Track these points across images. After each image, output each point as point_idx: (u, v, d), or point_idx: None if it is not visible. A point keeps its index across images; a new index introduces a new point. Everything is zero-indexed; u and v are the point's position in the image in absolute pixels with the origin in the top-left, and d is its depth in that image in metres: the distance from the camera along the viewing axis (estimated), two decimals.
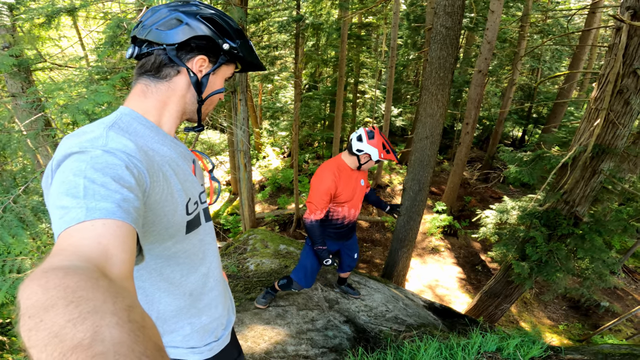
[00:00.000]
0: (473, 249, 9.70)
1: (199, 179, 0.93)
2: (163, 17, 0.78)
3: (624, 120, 4.09)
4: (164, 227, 0.76)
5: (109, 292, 0.36)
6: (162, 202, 0.73)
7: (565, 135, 6.89)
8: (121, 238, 0.50)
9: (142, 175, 0.65)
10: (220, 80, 0.89)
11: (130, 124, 0.75)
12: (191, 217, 0.83)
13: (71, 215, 0.50)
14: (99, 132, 0.66)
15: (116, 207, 0.52)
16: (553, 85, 16.71)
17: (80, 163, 0.56)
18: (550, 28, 12.89)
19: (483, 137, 16.78)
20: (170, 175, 0.76)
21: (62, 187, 0.54)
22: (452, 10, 4.44)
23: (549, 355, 1.79)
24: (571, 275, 4.61)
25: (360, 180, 2.41)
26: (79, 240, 0.47)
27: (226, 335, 1.06)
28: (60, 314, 0.31)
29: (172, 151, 0.81)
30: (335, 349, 2.26)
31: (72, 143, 0.62)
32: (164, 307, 0.87)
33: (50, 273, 0.37)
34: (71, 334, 0.29)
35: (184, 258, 0.86)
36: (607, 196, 4.70)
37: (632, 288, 8.44)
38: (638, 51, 3.78)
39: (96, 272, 0.40)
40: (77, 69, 5.01)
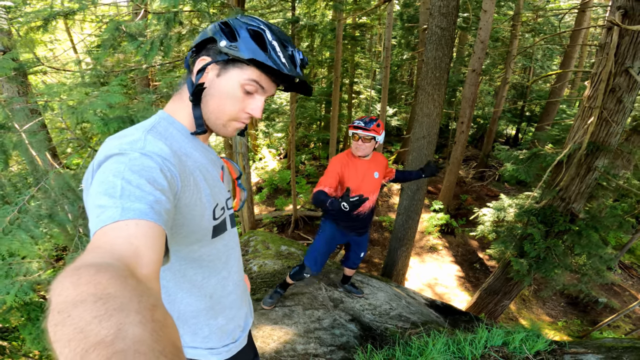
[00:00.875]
0: (471, 247, 9.79)
1: (226, 185, 0.95)
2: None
3: (617, 118, 4.17)
4: (192, 230, 0.78)
5: (136, 291, 0.37)
6: (192, 206, 0.75)
7: (558, 133, 6.99)
8: (152, 239, 0.51)
9: (175, 178, 0.67)
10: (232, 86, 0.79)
11: (167, 129, 0.77)
12: (218, 222, 0.85)
13: (107, 214, 0.52)
14: (139, 135, 0.69)
15: (149, 208, 0.54)
16: (545, 84, 16.91)
17: (120, 165, 0.59)
18: (541, 27, 13.06)
19: (478, 135, 16.94)
20: (200, 180, 0.78)
21: (101, 186, 0.56)
22: (447, 11, 4.50)
23: (554, 349, 1.84)
24: (569, 271, 4.68)
25: (373, 172, 2.45)
26: (113, 239, 0.49)
27: (244, 337, 1.07)
28: (88, 310, 0.32)
29: (203, 157, 0.83)
30: (343, 346, 2.29)
31: (113, 145, 0.65)
32: (184, 307, 0.89)
33: (83, 269, 0.38)
34: (96, 330, 0.30)
35: (208, 262, 0.88)
36: (602, 193, 4.78)
37: (629, 284, 8.55)
38: (629, 50, 3.85)
39: (126, 270, 0.42)
40: (76, 72, 4.98)
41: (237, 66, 0.78)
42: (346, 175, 2.37)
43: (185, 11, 5.77)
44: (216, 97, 0.79)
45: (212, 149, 0.91)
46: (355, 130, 2.31)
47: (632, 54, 3.83)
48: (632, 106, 4.14)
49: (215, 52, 0.79)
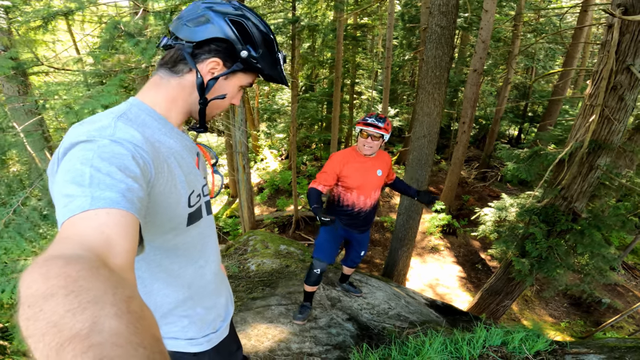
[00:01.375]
0: (472, 247, 9.73)
1: (202, 171, 0.93)
2: (197, 12, 0.79)
3: (619, 115, 4.13)
4: (167, 218, 0.76)
5: (110, 282, 0.36)
6: (166, 194, 0.73)
7: (561, 133, 6.94)
8: (124, 228, 0.50)
9: (148, 165, 0.65)
10: (232, 86, 0.86)
11: (139, 115, 0.75)
12: (193, 209, 0.84)
13: (76, 203, 0.50)
14: (108, 121, 0.66)
15: (120, 196, 0.52)
16: (547, 84, 16.84)
17: (88, 152, 0.57)
18: (543, 27, 13.00)
19: (480, 136, 16.87)
20: (175, 167, 0.77)
21: (68, 175, 0.54)
22: (446, 10, 4.48)
23: (555, 349, 1.80)
24: (571, 271, 4.63)
25: (376, 169, 2.41)
26: (83, 229, 0.47)
27: (224, 327, 1.06)
28: (60, 304, 0.31)
29: (178, 143, 0.82)
30: (339, 346, 2.26)
31: (80, 131, 0.63)
32: (161, 298, 0.87)
33: (52, 262, 0.37)
34: (70, 324, 0.29)
35: (183, 250, 0.87)
36: (604, 192, 4.73)
37: (632, 284, 8.46)
38: (630, 47, 3.82)
39: (97, 261, 0.40)
40: (74, 72, 4.99)
41: (244, 72, 0.85)
42: (347, 173, 2.34)
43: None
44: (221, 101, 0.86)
45: (187, 135, 0.89)
46: (366, 128, 2.25)
47: (633, 51, 3.80)
48: (634, 104, 4.10)
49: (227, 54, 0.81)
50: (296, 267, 3.59)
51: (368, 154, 2.35)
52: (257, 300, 2.81)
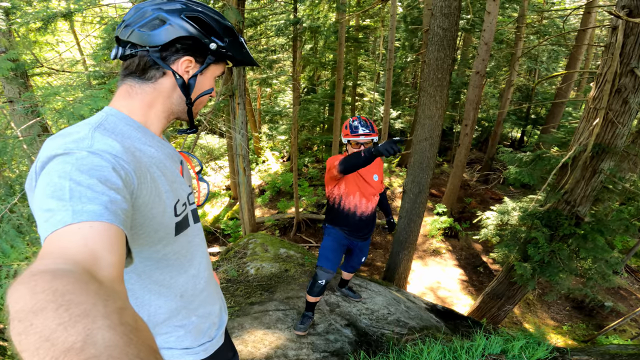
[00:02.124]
0: (474, 250, 9.67)
1: (186, 180, 0.92)
2: (146, 16, 0.76)
3: (623, 119, 4.08)
4: (153, 229, 0.75)
5: (99, 295, 0.36)
6: (151, 204, 0.71)
7: (564, 136, 6.88)
8: (109, 240, 0.49)
9: (130, 176, 0.63)
10: (210, 80, 0.87)
11: (117, 125, 0.73)
12: (179, 218, 0.82)
13: (57, 218, 0.49)
14: (85, 133, 0.64)
15: (103, 209, 0.51)
16: (550, 86, 16.76)
17: (65, 165, 0.55)
18: (546, 29, 12.94)
19: (482, 138, 16.80)
20: (158, 176, 0.75)
21: (47, 189, 0.53)
22: (448, 12, 4.45)
23: (555, 356, 1.76)
24: (574, 275, 4.58)
25: (372, 174, 2.39)
26: (66, 243, 0.46)
27: (220, 335, 1.05)
28: (50, 318, 0.31)
29: (159, 152, 0.80)
30: (337, 353, 2.23)
31: (56, 144, 0.60)
32: (154, 309, 0.86)
33: (38, 276, 0.36)
34: (62, 338, 0.29)
35: (174, 260, 0.85)
36: (607, 196, 4.68)
37: (636, 288, 8.39)
38: (635, 50, 3.78)
39: (85, 275, 0.40)
40: (75, 74, 5.00)
41: (214, 63, 0.85)
42: (344, 179, 2.31)
43: None
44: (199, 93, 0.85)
45: (168, 143, 0.87)
46: (358, 138, 2.18)
47: (637, 54, 3.76)
48: (638, 107, 4.05)
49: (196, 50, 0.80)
50: (295, 272, 3.56)
51: None
52: (255, 305, 2.78)
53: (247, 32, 10.76)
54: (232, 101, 6.00)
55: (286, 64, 13.71)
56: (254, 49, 11.34)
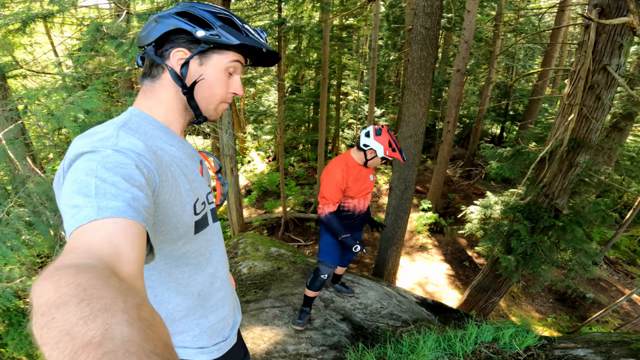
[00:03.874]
0: (460, 245, 9.90)
1: (205, 179, 0.94)
2: (148, 22, 0.82)
3: (597, 114, 4.26)
4: (174, 227, 0.77)
5: (120, 291, 0.37)
6: (171, 202, 0.73)
7: (541, 131, 7.14)
8: (131, 237, 0.50)
9: (152, 174, 0.66)
10: (215, 69, 0.83)
11: (140, 124, 0.76)
12: (199, 217, 0.84)
13: (83, 214, 0.51)
14: (110, 132, 0.67)
15: (126, 206, 0.53)
16: (527, 83, 17.27)
17: (92, 162, 0.58)
18: (522, 27, 13.34)
19: (464, 135, 17.17)
20: (179, 175, 0.77)
21: (74, 186, 0.55)
22: (431, 11, 4.55)
23: (544, 344, 1.87)
24: (556, 267, 4.76)
25: (369, 175, 2.49)
26: (90, 238, 0.48)
27: (233, 335, 1.06)
28: (72, 312, 0.32)
29: (180, 151, 0.82)
30: (335, 346, 2.28)
31: (83, 143, 0.63)
32: (172, 307, 0.87)
33: (62, 271, 0.37)
34: (82, 332, 0.30)
35: (192, 258, 0.87)
36: (584, 188, 4.90)
37: (615, 279, 8.69)
38: (607, 48, 3.93)
39: (107, 270, 0.41)
40: (54, 76, 4.87)
41: (216, 52, 0.82)
42: (349, 184, 2.39)
43: None
44: (205, 85, 0.82)
45: (189, 143, 0.90)
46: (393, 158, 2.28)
47: (609, 51, 3.92)
48: (610, 103, 4.25)
49: (189, 42, 0.80)
50: (288, 270, 3.60)
51: (373, 168, 2.45)
52: (250, 303, 2.80)
53: None
54: None
55: None
56: None
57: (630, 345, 1.63)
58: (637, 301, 8.05)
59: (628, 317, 7.52)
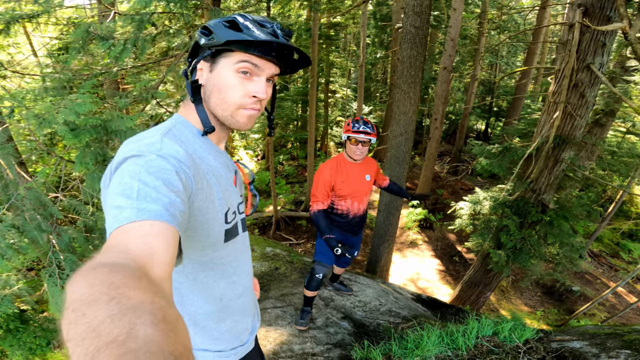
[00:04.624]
0: (449, 240, 10.07)
1: (238, 189, 0.96)
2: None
3: (581, 112, 4.40)
4: (205, 234, 0.79)
5: (149, 292, 0.38)
6: (204, 209, 0.76)
7: (525, 127, 7.30)
8: (165, 240, 0.52)
9: (189, 181, 0.69)
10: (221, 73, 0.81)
11: (183, 132, 0.79)
12: (229, 226, 0.87)
13: (124, 214, 0.53)
14: (156, 138, 0.71)
15: (164, 210, 0.55)
16: (511, 80, 17.65)
17: (137, 166, 0.61)
18: (506, 24, 13.61)
19: (450, 131, 17.44)
20: (214, 183, 0.80)
21: (118, 188, 0.58)
22: (420, 10, 4.60)
23: (541, 337, 1.95)
24: (544, 261, 4.90)
25: (364, 175, 2.48)
26: (128, 238, 0.50)
27: (251, 340, 1.09)
28: (102, 309, 0.33)
29: (217, 161, 0.85)
30: (339, 344, 2.32)
31: (131, 147, 0.67)
32: (195, 309, 0.89)
33: (98, 269, 0.39)
34: (108, 330, 0.30)
35: (219, 265, 0.89)
36: (569, 183, 5.06)
37: (599, 272, 8.91)
38: (590, 47, 4.05)
39: (139, 270, 0.43)
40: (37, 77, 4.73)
41: (223, 56, 0.80)
42: (338, 182, 2.39)
43: (158, 12, 5.61)
44: (216, 91, 0.81)
45: (226, 153, 0.92)
46: (357, 135, 2.29)
47: (592, 50, 4.04)
48: (594, 100, 4.39)
49: (196, 50, 0.84)
50: (286, 269, 3.62)
51: (359, 160, 2.41)
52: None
53: None
54: None
55: None
56: None
57: (623, 337, 1.72)
58: (622, 294, 8.31)
59: (614, 309, 7.71)
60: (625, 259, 9.48)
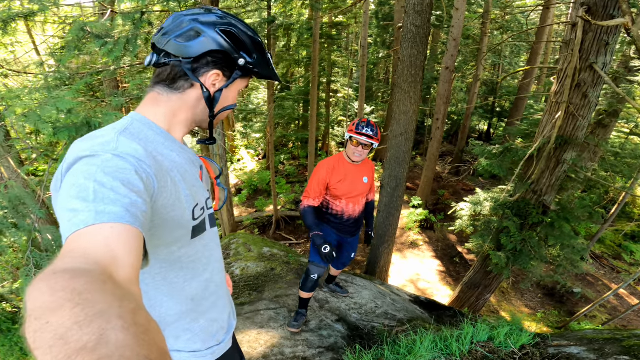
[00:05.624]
0: (450, 241, 10.01)
1: (205, 184, 0.94)
2: (183, 26, 0.79)
3: (583, 112, 4.34)
4: (170, 231, 0.77)
5: (115, 296, 0.37)
6: (170, 207, 0.73)
7: (527, 128, 7.24)
8: (128, 242, 0.50)
9: (151, 180, 0.66)
10: (234, 93, 0.89)
11: (141, 130, 0.75)
12: (197, 222, 0.85)
13: (80, 218, 0.50)
14: (110, 136, 0.67)
15: (124, 211, 0.53)
16: (513, 80, 17.54)
17: (91, 167, 0.57)
18: (509, 24, 13.52)
19: (452, 131, 17.35)
20: (179, 180, 0.78)
21: (72, 190, 0.55)
22: (421, 9, 4.56)
23: (538, 342, 1.90)
24: (544, 262, 4.85)
25: (362, 177, 2.43)
26: (87, 243, 0.48)
27: (228, 339, 1.07)
28: (67, 316, 0.31)
29: (181, 157, 0.82)
30: (332, 347, 2.28)
31: (83, 147, 0.63)
32: (166, 310, 0.87)
33: (59, 275, 0.37)
34: (77, 337, 0.30)
35: (188, 263, 0.87)
36: (571, 185, 4.99)
37: (601, 274, 8.84)
38: (593, 46, 3.99)
39: (103, 275, 0.41)
40: (38, 75, 4.73)
41: (241, 77, 0.86)
42: (334, 181, 2.35)
43: (155, 11, 5.59)
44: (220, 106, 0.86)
45: (189, 149, 0.90)
46: (359, 137, 2.24)
47: (595, 50, 3.98)
48: (597, 101, 4.33)
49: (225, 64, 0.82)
50: (282, 270, 3.58)
51: (357, 161, 2.36)
52: (245, 305, 2.78)
53: None
54: None
55: None
56: None
57: (622, 342, 1.67)
58: (623, 296, 8.23)
59: (615, 311, 7.65)
60: (627, 260, 9.39)
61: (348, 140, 2.33)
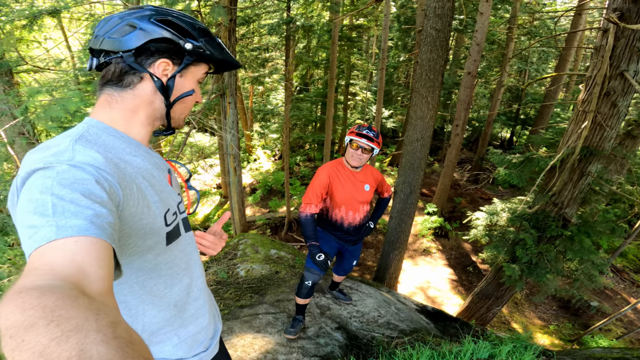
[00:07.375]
0: (464, 250, 9.75)
1: (175, 188, 0.91)
2: (115, 24, 0.75)
3: (611, 122, 4.12)
4: (143, 239, 0.74)
5: (90, 310, 0.36)
6: (139, 215, 0.70)
7: (552, 137, 6.96)
8: (96, 254, 0.48)
9: (114, 188, 0.62)
10: (191, 82, 0.85)
11: (99, 136, 0.71)
12: (170, 228, 0.82)
13: (41, 234, 0.48)
14: (65, 145, 0.62)
15: (88, 223, 0.51)
16: (540, 87, 16.96)
17: (46, 179, 0.54)
18: (537, 30, 13.08)
19: (472, 138, 16.94)
20: (145, 186, 0.74)
21: (29, 205, 0.52)
22: (442, 13, 4.45)
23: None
24: (561, 276, 4.63)
25: (363, 185, 2.35)
26: (52, 258, 0.46)
27: (214, 344, 1.04)
28: (42, 334, 0.31)
29: (146, 162, 0.78)
30: (327, 357, 2.22)
31: (35, 158, 0.59)
32: (148, 319, 0.85)
33: (25, 294, 0.36)
34: (56, 353, 0.29)
35: (166, 270, 0.84)
36: (594, 198, 4.74)
37: (621, 287, 8.52)
38: (625, 53, 3.79)
39: (74, 290, 0.39)
40: (60, 72, 4.88)
41: (193, 64, 0.83)
42: (334, 186, 2.28)
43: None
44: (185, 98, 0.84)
45: (155, 152, 0.86)
46: (359, 139, 2.17)
47: (627, 57, 3.78)
48: (626, 110, 4.10)
49: (172, 52, 0.79)
50: (286, 274, 3.54)
51: (355, 165, 2.27)
52: (244, 308, 2.75)
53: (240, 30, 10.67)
54: (223, 100, 5.94)
55: (279, 62, 13.62)
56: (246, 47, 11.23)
57: None
58: None
59: (631, 325, 7.38)
60: None
61: (348, 143, 2.26)
